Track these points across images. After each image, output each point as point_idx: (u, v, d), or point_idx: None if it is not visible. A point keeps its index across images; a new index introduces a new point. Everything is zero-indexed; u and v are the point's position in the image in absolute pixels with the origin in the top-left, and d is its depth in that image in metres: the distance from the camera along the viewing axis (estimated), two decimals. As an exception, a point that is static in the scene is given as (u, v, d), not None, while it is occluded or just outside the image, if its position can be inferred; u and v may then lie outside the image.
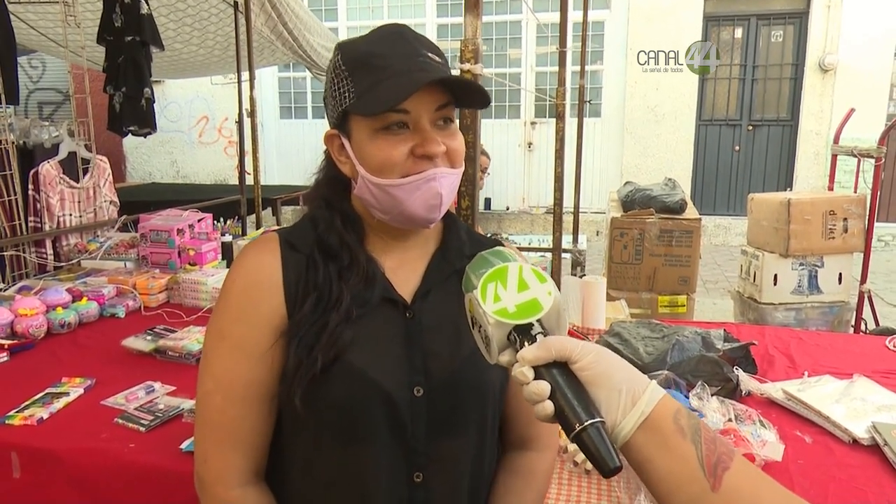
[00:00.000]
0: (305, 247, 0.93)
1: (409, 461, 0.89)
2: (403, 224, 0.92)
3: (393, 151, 0.86)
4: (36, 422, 1.54)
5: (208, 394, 0.90)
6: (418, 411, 0.89)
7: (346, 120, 0.90)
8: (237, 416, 0.89)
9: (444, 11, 8.85)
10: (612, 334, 1.90)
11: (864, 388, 1.68)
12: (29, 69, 9.36)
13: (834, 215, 3.60)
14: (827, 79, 7.91)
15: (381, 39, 0.89)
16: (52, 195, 3.09)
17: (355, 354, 0.87)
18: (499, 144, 8.72)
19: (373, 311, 0.90)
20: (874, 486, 1.30)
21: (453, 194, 0.92)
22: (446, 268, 0.96)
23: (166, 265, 2.79)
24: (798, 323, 3.63)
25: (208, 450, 0.90)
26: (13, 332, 2.10)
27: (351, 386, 0.87)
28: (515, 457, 1.02)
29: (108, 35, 3.43)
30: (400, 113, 0.85)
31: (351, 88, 0.87)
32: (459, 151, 0.90)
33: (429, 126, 0.87)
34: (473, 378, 0.91)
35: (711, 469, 0.63)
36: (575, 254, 4.24)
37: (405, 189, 0.87)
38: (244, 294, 0.91)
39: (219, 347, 0.91)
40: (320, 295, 0.88)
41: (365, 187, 0.90)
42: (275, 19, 4.88)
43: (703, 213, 4.97)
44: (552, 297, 0.71)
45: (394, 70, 0.84)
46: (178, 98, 9.73)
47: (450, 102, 0.88)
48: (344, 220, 0.94)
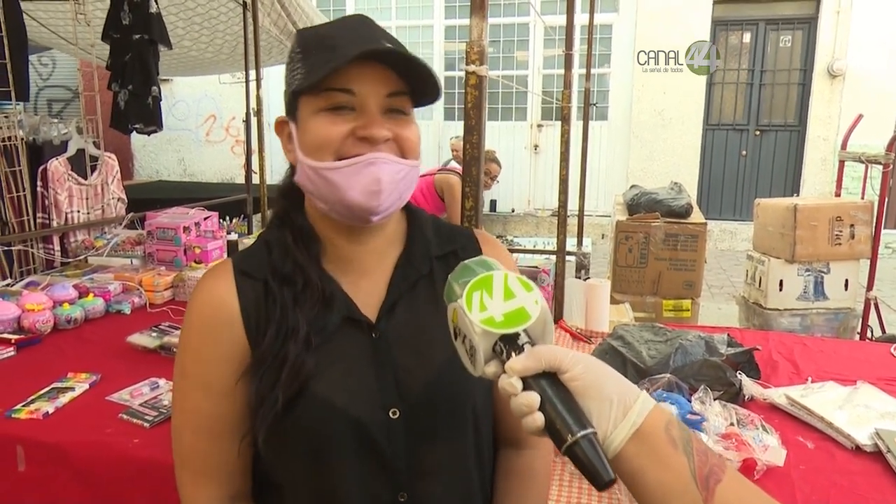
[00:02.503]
0: (260, 273, 0.87)
1: (391, 482, 0.86)
2: (345, 216, 0.86)
3: (332, 128, 0.81)
4: (41, 416, 1.56)
5: (177, 429, 0.90)
6: (395, 432, 0.85)
7: (295, 104, 0.85)
8: (208, 451, 0.88)
9: (451, 13, 8.86)
10: (616, 337, 1.90)
11: (868, 394, 1.67)
12: (39, 66, 9.42)
13: (841, 221, 3.59)
14: (835, 84, 7.88)
15: (339, 24, 0.86)
16: (61, 192, 3.11)
17: (320, 384, 0.83)
18: (505, 147, 8.72)
19: (336, 334, 0.86)
20: (876, 494, 1.29)
21: (400, 186, 0.85)
22: (412, 274, 0.91)
23: (172, 262, 2.81)
24: (803, 329, 3.61)
25: (184, 480, 0.90)
26: (20, 326, 2.12)
27: (318, 416, 0.83)
28: (511, 456, 1.00)
29: (114, 33, 3.44)
30: (345, 93, 0.80)
31: (300, 69, 0.83)
32: (411, 141, 0.85)
33: (376, 111, 0.82)
34: (450, 390, 0.87)
35: (704, 481, 0.62)
36: (579, 256, 4.23)
37: (342, 173, 0.81)
38: (202, 331, 0.87)
39: (182, 385, 0.89)
40: (278, 326, 0.84)
41: (303, 172, 0.85)
42: (284, 18, 4.90)
43: (710, 217, 4.96)
44: (539, 306, 0.68)
45: (343, 50, 0.79)
46: (186, 97, 9.78)
47: (403, 92, 0.83)
48: (297, 236, 0.88)
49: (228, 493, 0.90)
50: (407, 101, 0.85)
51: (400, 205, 0.89)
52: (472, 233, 1.00)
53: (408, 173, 0.85)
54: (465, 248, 0.95)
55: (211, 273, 0.91)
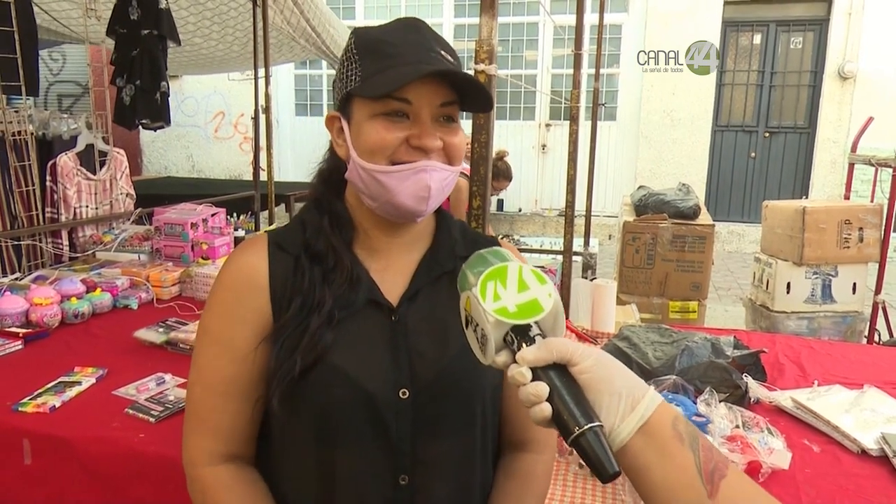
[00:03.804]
0: (294, 248, 0.92)
1: (393, 463, 0.89)
2: (391, 215, 0.91)
3: (387, 135, 0.85)
4: (48, 410, 1.57)
5: (191, 384, 0.94)
6: (403, 413, 0.88)
7: (348, 103, 0.90)
8: (214, 408, 0.91)
9: (461, 12, 8.86)
10: (622, 338, 1.90)
11: (875, 398, 1.66)
12: (49, 62, 9.47)
13: (849, 224, 3.57)
14: (846, 87, 7.83)
15: (396, 29, 0.89)
16: (70, 186, 3.13)
17: (337, 356, 0.87)
18: (513, 146, 8.70)
19: (358, 313, 0.90)
20: (882, 498, 1.29)
21: (445, 191, 0.91)
22: (436, 268, 0.95)
23: (179, 258, 2.82)
24: (810, 332, 3.60)
25: (186, 434, 0.94)
26: (28, 320, 2.13)
27: (332, 387, 0.86)
28: (513, 459, 1.01)
29: (120, 27, 3.43)
30: (402, 101, 0.85)
31: (358, 72, 0.87)
32: (458, 148, 0.90)
33: (429, 120, 0.86)
34: (461, 380, 0.91)
35: (709, 476, 0.63)
36: (586, 257, 4.23)
37: (394, 177, 0.86)
38: (230, 292, 0.92)
39: (203, 342, 0.93)
40: (304, 298, 0.88)
41: (355, 171, 0.90)
42: (298, 14, 4.91)
43: (717, 219, 4.95)
44: (552, 299, 0.69)
45: (403, 59, 0.84)
46: (195, 93, 9.81)
47: (454, 101, 0.88)
48: (333, 221, 0.94)
49: (228, 451, 0.92)
50: (456, 110, 0.90)
51: (440, 204, 0.94)
52: (497, 241, 1.04)
53: (452, 178, 0.91)
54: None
55: (247, 243, 0.96)
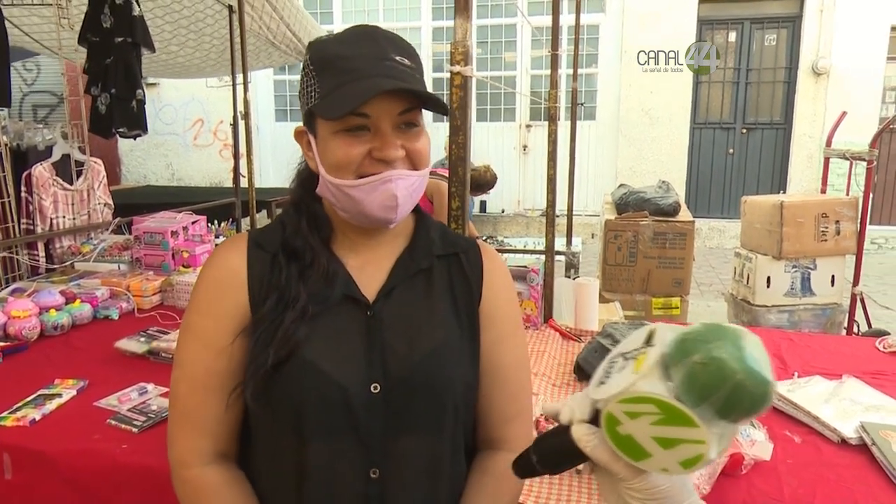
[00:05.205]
0: (272, 247, 0.95)
1: (364, 457, 0.90)
2: (364, 223, 0.94)
3: (351, 151, 0.88)
4: (28, 423, 1.54)
5: (175, 381, 0.95)
6: (374, 407, 0.90)
7: (312, 118, 0.92)
8: (199, 403, 0.93)
9: (439, 15, 8.85)
10: (605, 335, 1.91)
11: (854, 388, 1.69)
12: (23, 72, 9.34)
13: (826, 218, 3.62)
14: (820, 82, 7.95)
15: (350, 40, 0.90)
16: (45, 197, 3.09)
17: (310, 350, 0.89)
18: (494, 147, 8.74)
19: (334, 308, 0.92)
20: (862, 486, 1.31)
21: (414, 196, 0.93)
22: (412, 266, 0.97)
23: (160, 267, 2.79)
24: (791, 325, 3.65)
25: (174, 433, 0.95)
26: (6, 333, 2.10)
27: (304, 380, 0.88)
28: (488, 457, 1.01)
29: (93, 35, 3.34)
30: (361, 117, 0.86)
31: (317, 88, 0.89)
32: (422, 153, 0.91)
33: (389, 130, 0.88)
34: (433, 376, 0.92)
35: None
36: (569, 256, 4.25)
37: (362, 190, 0.89)
38: (210, 289, 0.95)
39: (185, 338, 0.96)
40: (280, 294, 0.91)
41: (325, 186, 0.92)
42: (277, 20, 4.88)
43: (697, 215, 4.99)
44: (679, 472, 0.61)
45: (358, 73, 0.86)
46: (174, 101, 9.72)
47: (414, 107, 0.89)
48: (311, 221, 0.96)
49: (214, 448, 0.94)
50: (417, 115, 0.91)
51: (412, 207, 0.96)
52: (476, 243, 1.06)
53: (420, 182, 0.93)
54: (466, 253, 1.02)
55: (228, 242, 1.00)
